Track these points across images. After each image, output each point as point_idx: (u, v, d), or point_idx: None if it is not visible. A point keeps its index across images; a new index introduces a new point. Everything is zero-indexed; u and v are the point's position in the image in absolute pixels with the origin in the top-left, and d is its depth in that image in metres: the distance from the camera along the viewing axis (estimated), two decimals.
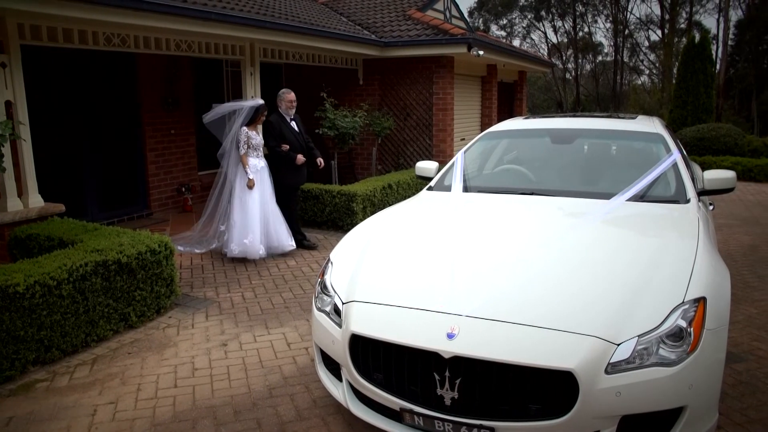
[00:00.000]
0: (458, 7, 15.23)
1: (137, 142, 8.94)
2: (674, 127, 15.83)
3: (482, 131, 5.47)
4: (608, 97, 40.00)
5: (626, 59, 40.51)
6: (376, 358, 2.81)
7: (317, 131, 9.34)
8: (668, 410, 2.51)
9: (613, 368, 2.45)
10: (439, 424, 2.62)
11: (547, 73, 35.21)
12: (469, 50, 10.34)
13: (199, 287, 5.81)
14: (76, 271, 4.23)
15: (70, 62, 7.80)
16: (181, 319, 5.00)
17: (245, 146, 6.59)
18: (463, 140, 12.10)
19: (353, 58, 11.25)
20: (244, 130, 6.60)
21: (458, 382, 2.55)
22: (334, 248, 3.67)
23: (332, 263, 3.45)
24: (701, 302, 2.65)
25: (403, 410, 2.71)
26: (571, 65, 43.07)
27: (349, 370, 2.91)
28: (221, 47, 8.04)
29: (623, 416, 2.48)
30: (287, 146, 6.83)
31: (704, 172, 4.38)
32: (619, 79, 39.97)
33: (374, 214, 4.33)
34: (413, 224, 3.90)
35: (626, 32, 38.85)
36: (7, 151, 5.21)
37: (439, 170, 4.99)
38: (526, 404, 2.51)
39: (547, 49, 43.17)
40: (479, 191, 4.45)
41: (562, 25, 42.09)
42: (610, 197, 3.96)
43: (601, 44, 43.26)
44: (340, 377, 3.11)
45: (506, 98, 16.04)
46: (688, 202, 3.88)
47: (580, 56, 42.25)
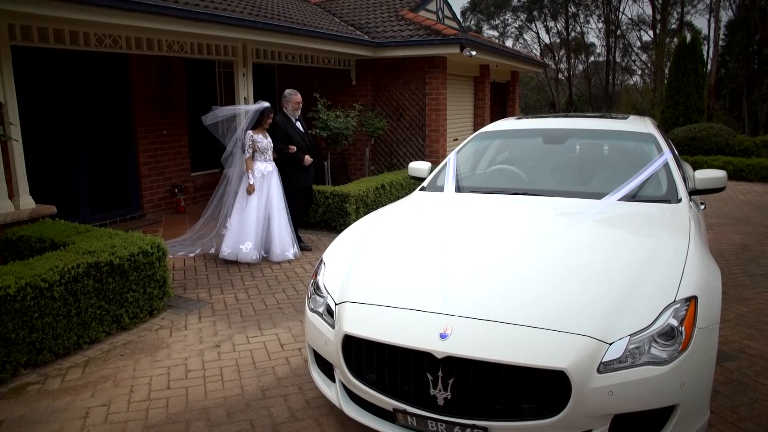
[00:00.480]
0: (451, 7, 15.25)
1: (129, 143, 8.91)
2: (666, 127, 15.91)
3: (475, 131, 5.48)
4: (600, 97, 40.17)
5: (618, 59, 40.72)
6: (369, 358, 2.81)
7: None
8: (660, 409, 2.52)
9: (605, 367, 2.46)
10: (432, 424, 2.62)
11: (539, 73, 35.35)
12: (461, 51, 10.36)
13: (192, 289, 5.79)
14: (67, 273, 4.21)
15: (61, 63, 7.76)
16: (174, 320, 4.98)
17: (250, 150, 6.54)
18: (456, 140, 12.12)
19: (346, 58, 11.24)
20: (249, 133, 6.54)
21: (451, 382, 2.55)
22: (326, 249, 3.67)
23: (325, 264, 3.45)
24: (692, 301, 2.66)
25: (396, 410, 2.71)
26: (563, 65, 43.25)
27: (342, 370, 2.91)
28: (213, 48, 8.02)
29: (615, 415, 2.49)
30: (294, 148, 6.79)
31: (695, 171, 4.40)
32: (611, 79, 40.15)
33: (367, 214, 4.33)
34: (406, 225, 3.90)
35: (618, 33, 39.03)
36: None
37: (431, 170, 5.00)
38: (518, 404, 2.51)
39: (539, 49, 43.31)
40: (472, 191, 4.46)
41: (554, 25, 42.27)
42: (602, 197, 3.97)
43: (593, 45, 43.48)
44: (333, 378, 3.11)
45: (499, 98, 16.07)
46: (679, 201, 3.90)
47: (572, 56, 42.39)
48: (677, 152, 5.03)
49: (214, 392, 3.77)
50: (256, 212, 6.55)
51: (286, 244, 6.71)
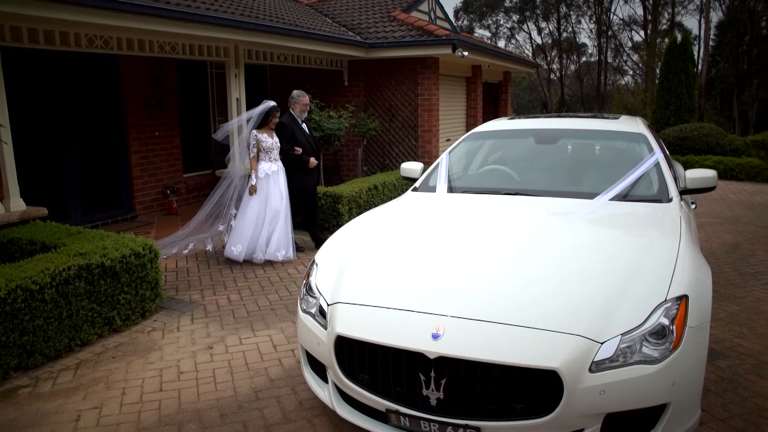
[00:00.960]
0: (443, 8, 15.27)
1: (121, 144, 8.87)
2: (657, 126, 15.99)
3: (467, 132, 5.49)
4: (592, 97, 40.32)
5: (610, 60, 40.89)
6: (361, 359, 2.81)
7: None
8: (652, 407, 2.53)
9: (597, 367, 2.47)
10: (424, 424, 2.62)
11: (531, 73, 35.44)
12: (453, 51, 10.37)
13: (184, 290, 5.77)
14: (59, 275, 4.19)
15: (52, 64, 7.72)
16: (166, 322, 4.96)
17: (254, 149, 6.50)
18: (448, 141, 12.14)
19: (338, 59, 11.24)
20: (253, 133, 6.50)
21: (444, 382, 2.55)
22: (319, 250, 3.67)
23: (317, 265, 3.44)
24: (683, 300, 2.68)
25: (389, 411, 2.71)
26: (555, 66, 43.38)
27: (334, 371, 2.91)
28: (205, 49, 8.00)
29: (607, 414, 2.50)
30: (300, 149, 6.75)
31: (686, 171, 4.43)
32: (603, 79, 40.32)
33: (360, 215, 4.33)
34: (398, 225, 3.90)
35: (610, 33, 39.19)
36: None
37: (424, 171, 5.00)
38: (511, 404, 2.52)
39: (531, 49, 43.42)
40: (464, 192, 4.47)
41: (546, 26, 42.39)
42: (593, 197, 3.99)
43: (585, 45, 43.64)
44: (326, 379, 3.11)
45: (491, 99, 16.11)
46: (670, 201, 3.92)
47: (564, 57, 42.52)
48: (668, 152, 5.06)
49: (206, 394, 3.76)
50: (256, 213, 6.51)
51: (282, 244, 6.64)
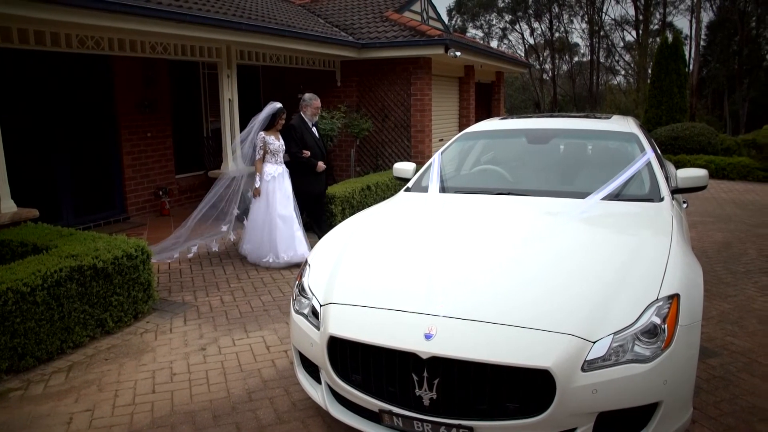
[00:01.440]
0: (435, 8, 15.27)
1: (113, 145, 8.83)
2: (649, 126, 16.06)
3: (460, 132, 5.49)
4: (585, 97, 40.46)
5: (602, 60, 41.03)
6: (354, 359, 2.81)
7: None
8: (644, 406, 2.55)
9: (589, 366, 2.48)
10: (418, 424, 2.62)
11: (524, 73, 35.53)
12: (446, 51, 10.38)
13: (177, 291, 5.75)
14: (50, 277, 4.16)
15: (43, 64, 7.68)
16: (159, 323, 4.94)
17: (261, 152, 6.47)
18: (441, 141, 12.15)
19: (331, 59, 11.23)
20: (261, 135, 6.46)
21: (436, 382, 2.55)
22: (311, 251, 3.67)
23: (310, 265, 3.44)
24: (675, 299, 2.69)
25: (382, 411, 2.71)
26: (548, 66, 43.50)
27: (327, 372, 2.91)
28: (197, 49, 7.98)
29: (600, 413, 2.51)
30: (308, 152, 6.71)
31: (678, 170, 4.45)
32: (595, 79, 40.45)
33: (352, 215, 4.33)
34: (390, 226, 3.90)
35: (602, 33, 39.32)
36: None
37: (416, 171, 5.01)
38: (504, 403, 2.52)
39: (524, 49, 43.52)
40: (456, 192, 4.48)
41: (538, 26, 42.51)
42: (585, 196, 4.00)
43: (577, 45, 43.79)
44: (319, 380, 3.11)
45: (484, 99, 16.14)
46: (661, 200, 3.94)
47: (556, 57, 42.65)
48: (660, 151, 5.08)
49: (199, 395, 3.74)
50: (262, 216, 6.48)
51: (289, 245, 6.56)
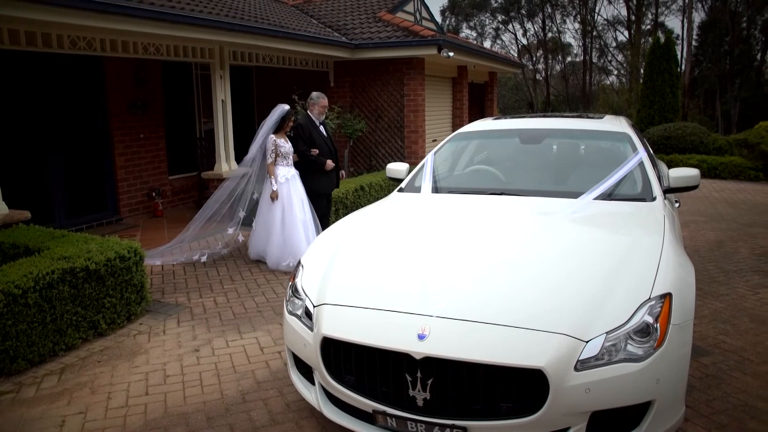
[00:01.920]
0: (428, 8, 15.29)
1: (106, 146, 8.80)
2: (642, 126, 16.13)
3: (454, 132, 5.50)
4: (578, 97, 40.56)
5: (595, 60, 41.14)
6: (348, 360, 2.81)
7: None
8: (637, 405, 2.55)
9: (582, 365, 2.48)
10: (411, 425, 2.62)
11: (517, 73, 35.59)
12: (439, 52, 10.40)
13: (170, 293, 5.73)
14: (42, 279, 4.14)
15: (35, 65, 7.64)
16: (152, 325, 4.93)
17: (273, 155, 6.40)
18: (434, 141, 12.16)
19: (324, 60, 11.22)
20: (271, 138, 6.40)
21: (430, 382, 2.55)
22: (305, 252, 3.66)
23: (303, 266, 3.44)
24: (667, 298, 2.70)
25: (375, 412, 2.71)
26: (541, 66, 43.59)
27: (321, 373, 2.91)
28: (190, 50, 7.96)
29: (593, 412, 2.52)
30: (317, 151, 6.68)
31: (670, 170, 4.46)
32: (588, 79, 40.56)
33: (346, 216, 4.32)
34: (383, 226, 3.90)
35: (594, 33, 39.45)
36: None
37: (410, 172, 5.01)
38: (497, 403, 2.53)
39: (517, 50, 43.60)
40: (449, 192, 4.48)
41: (531, 26, 42.60)
42: (578, 196, 4.01)
43: (570, 45, 43.90)
44: (312, 381, 3.10)
45: (477, 99, 16.16)
46: (654, 199, 3.95)
47: (549, 57, 42.76)
48: (653, 151, 5.10)
49: (193, 397, 3.73)
50: (280, 219, 6.41)
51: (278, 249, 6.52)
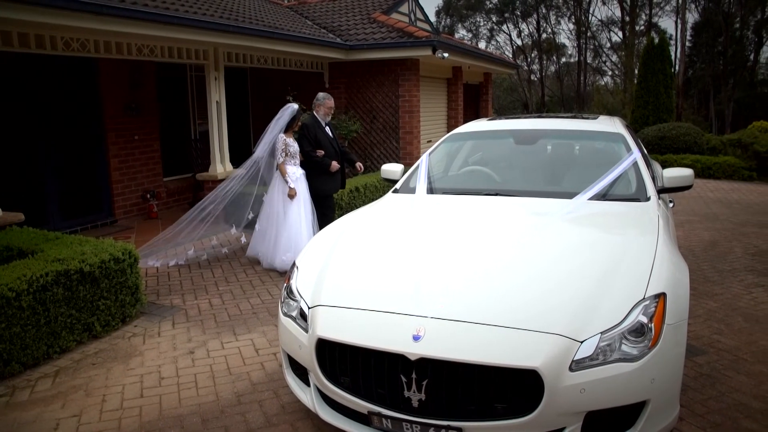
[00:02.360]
0: (423, 9, 15.31)
1: (100, 148, 8.76)
2: (636, 126, 16.18)
3: (449, 133, 5.51)
4: (573, 97, 40.66)
5: (589, 60, 41.25)
6: (343, 362, 2.80)
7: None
8: (632, 404, 2.56)
9: (577, 365, 2.49)
10: (407, 426, 2.62)
11: (512, 74, 35.62)
12: (434, 53, 10.41)
13: (165, 295, 5.72)
14: (36, 281, 4.13)
15: (29, 67, 7.61)
16: (147, 327, 4.91)
17: (283, 154, 6.37)
18: (429, 142, 12.16)
19: (319, 61, 11.22)
20: (281, 137, 6.38)
21: (425, 383, 2.55)
22: (300, 253, 3.66)
23: (298, 268, 3.43)
24: (661, 298, 2.71)
25: (371, 413, 2.71)
26: (535, 67, 43.66)
27: (316, 374, 2.90)
28: (185, 52, 7.94)
29: (588, 412, 2.52)
30: (322, 152, 6.65)
31: (664, 170, 4.48)
32: (582, 79, 40.66)
33: (340, 217, 4.32)
34: (378, 227, 3.90)
35: (589, 34, 39.54)
36: None
37: (404, 173, 5.01)
38: (492, 404, 2.53)
39: (512, 50, 43.67)
40: (444, 193, 4.49)
41: (526, 27, 42.67)
42: (572, 196, 4.02)
43: (564, 46, 44.00)
44: (308, 382, 3.10)
45: (472, 100, 16.18)
46: (648, 200, 3.96)
47: (544, 58, 42.82)
48: (647, 151, 5.11)
49: (188, 399, 3.72)
50: (298, 217, 6.39)
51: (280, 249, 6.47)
